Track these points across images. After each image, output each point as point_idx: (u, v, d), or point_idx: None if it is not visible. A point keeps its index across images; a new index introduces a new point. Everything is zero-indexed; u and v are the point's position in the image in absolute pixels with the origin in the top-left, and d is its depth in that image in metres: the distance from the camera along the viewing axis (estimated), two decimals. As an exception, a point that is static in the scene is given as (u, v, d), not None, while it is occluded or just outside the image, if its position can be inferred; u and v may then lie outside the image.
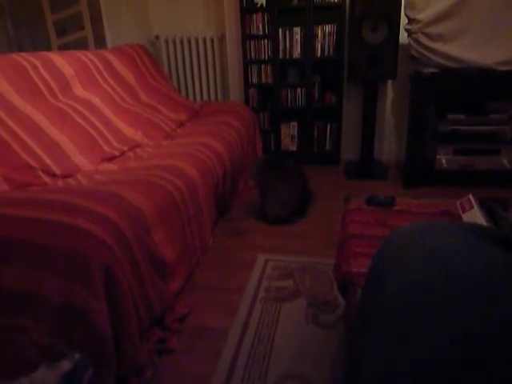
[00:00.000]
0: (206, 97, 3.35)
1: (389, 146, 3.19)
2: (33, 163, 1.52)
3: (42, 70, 1.83)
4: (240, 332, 1.41)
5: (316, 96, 3.01)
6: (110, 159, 1.83)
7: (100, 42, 3.21)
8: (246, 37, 2.95)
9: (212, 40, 3.28)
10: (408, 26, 2.50)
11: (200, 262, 1.78)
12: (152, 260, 1.28)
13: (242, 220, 2.28)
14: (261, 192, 2.16)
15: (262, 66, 3.00)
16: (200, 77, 3.34)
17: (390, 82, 3.01)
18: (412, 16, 2.46)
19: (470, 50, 2.42)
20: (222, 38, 3.27)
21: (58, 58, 1.95)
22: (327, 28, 2.84)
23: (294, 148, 3.16)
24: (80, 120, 1.83)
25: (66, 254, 1.05)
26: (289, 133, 3.12)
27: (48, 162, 1.57)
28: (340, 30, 2.82)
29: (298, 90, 3.00)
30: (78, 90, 1.98)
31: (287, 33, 2.90)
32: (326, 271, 1.72)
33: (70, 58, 2.02)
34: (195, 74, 3.35)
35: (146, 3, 3.35)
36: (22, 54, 1.85)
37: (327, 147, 3.13)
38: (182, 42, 3.33)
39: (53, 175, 1.56)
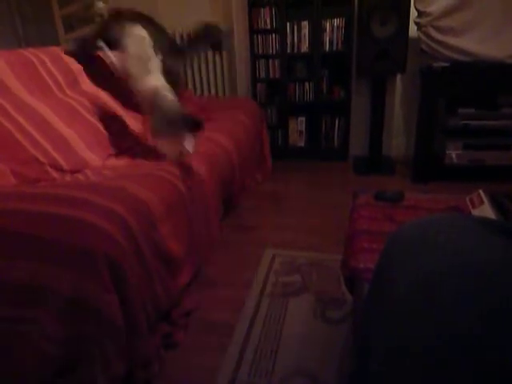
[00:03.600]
0: (213, 92, 3.34)
1: (398, 140, 3.16)
2: (41, 158, 1.52)
3: (50, 66, 1.83)
4: (247, 327, 1.41)
5: (324, 90, 2.99)
6: (118, 154, 1.83)
7: (108, 38, 3.21)
8: (254, 31, 2.93)
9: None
10: (418, 20, 2.46)
11: (207, 256, 1.78)
12: (159, 254, 1.28)
13: (249, 215, 2.28)
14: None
15: (270, 60, 2.99)
16: (207, 71, 3.33)
17: (399, 76, 2.98)
18: (422, 9, 2.42)
19: (481, 43, 2.38)
20: (229, 33, 3.26)
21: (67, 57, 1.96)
22: (336, 22, 2.82)
23: (301, 143, 3.14)
24: (88, 115, 1.83)
25: (74, 248, 1.06)
26: (297, 128, 3.11)
27: (56, 156, 1.58)
28: (349, 24, 2.79)
29: (306, 85, 2.98)
30: (86, 85, 1.98)
31: (295, 27, 2.87)
32: (333, 267, 1.71)
33: (77, 53, 2.02)
34: (202, 68, 3.34)
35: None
36: (30, 49, 1.85)
37: (335, 142, 3.11)
38: (189, 36, 3.31)
39: (61, 170, 1.56)
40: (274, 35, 2.92)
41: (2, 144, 1.44)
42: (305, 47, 2.90)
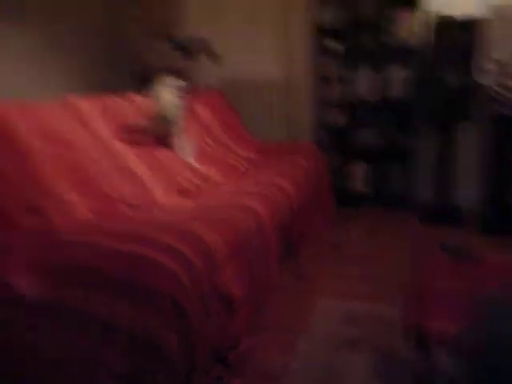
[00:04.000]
0: (275, 137, 3.43)
1: (466, 189, 2.99)
2: (115, 193, 1.63)
3: (128, 110, 2.01)
4: (301, 375, 1.35)
5: (389, 137, 2.95)
6: (185, 193, 1.91)
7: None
8: (318, 78, 3.01)
9: (283, 81, 3.39)
10: (488, 67, 2.40)
11: (265, 300, 1.76)
12: (220, 296, 1.29)
13: (308, 262, 2.24)
14: None
15: (334, 106, 3.03)
16: (271, 116, 3.44)
17: (467, 123, 2.87)
18: (493, 56, 2.36)
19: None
20: (293, 80, 3.37)
21: (147, 103, 2.14)
22: (401, 69, 2.82)
23: (364, 189, 3.09)
24: (159, 154, 1.96)
25: (141, 286, 1.11)
26: (359, 173, 3.07)
27: (128, 192, 1.68)
28: (415, 71, 2.78)
29: (370, 131, 2.97)
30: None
31: (360, 74, 2.92)
32: (392, 320, 1.62)
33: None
34: (266, 114, 3.46)
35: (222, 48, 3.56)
36: (115, 96, 2.05)
37: (400, 189, 3.01)
38: (253, 83, 3.47)
39: (131, 205, 1.66)
40: (338, 82, 2.97)
41: (81, 178, 1.57)
42: (369, 94, 2.92)
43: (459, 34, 2.43)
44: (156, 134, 2.02)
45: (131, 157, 1.85)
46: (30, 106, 1.65)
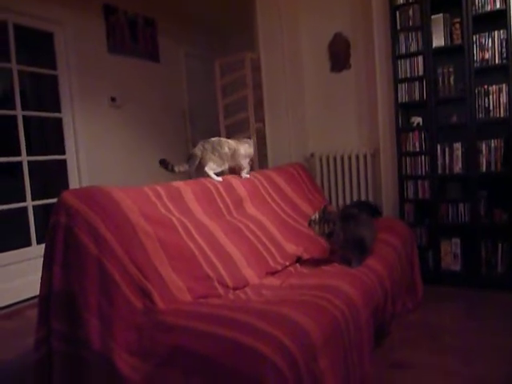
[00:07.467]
0: (357, 210, 3.38)
1: None
2: (211, 274, 1.69)
3: (222, 192, 2.14)
4: None
5: (482, 212, 2.76)
6: (273, 273, 1.93)
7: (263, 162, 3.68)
8: (402, 153, 2.98)
9: (365, 156, 3.42)
10: None
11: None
12: (317, 392, 1.23)
13: (401, 350, 2.07)
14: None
15: (419, 181, 2.94)
16: (351, 191, 3.45)
17: None
18: None
19: None
20: (375, 154, 3.39)
21: (235, 181, 2.27)
22: (493, 142, 2.70)
23: (456, 268, 2.86)
24: (250, 235, 2.02)
25: (241, 373, 1.10)
26: (450, 250, 2.87)
27: (223, 273, 1.73)
28: (509, 144, 2.65)
29: (461, 206, 2.81)
30: (249, 208, 2.22)
31: (446, 149, 2.84)
32: None
33: (244, 180, 2.33)
34: (347, 188, 3.48)
35: (304, 124, 3.74)
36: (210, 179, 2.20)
37: (499, 269, 2.74)
38: (335, 158, 3.55)
39: (226, 287, 1.70)
40: (423, 157, 2.92)
41: (184, 261, 1.66)
42: (458, 168, 2.81)
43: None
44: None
45: (222, 236, 1.92)
46: (131, 189, 1.75)
